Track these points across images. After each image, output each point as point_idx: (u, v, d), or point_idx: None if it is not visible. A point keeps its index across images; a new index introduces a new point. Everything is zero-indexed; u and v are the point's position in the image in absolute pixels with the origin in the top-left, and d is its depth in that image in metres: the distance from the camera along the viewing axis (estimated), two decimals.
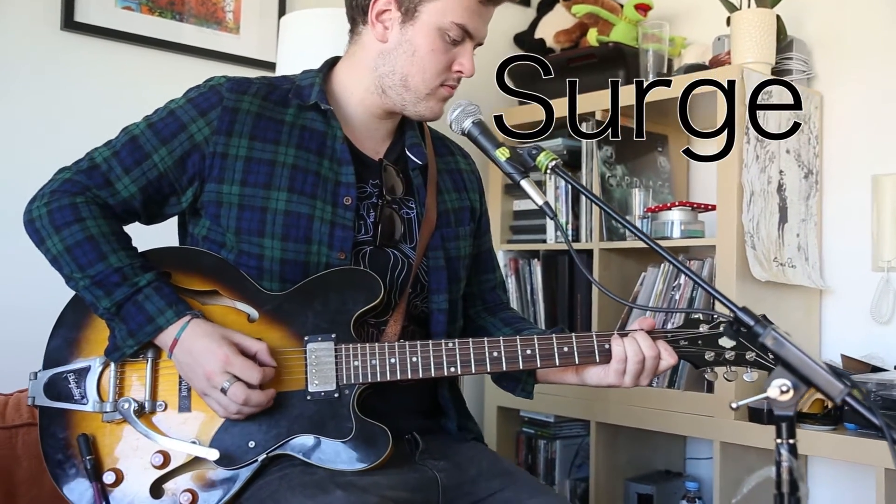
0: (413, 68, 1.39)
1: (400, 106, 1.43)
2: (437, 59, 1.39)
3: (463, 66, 1.41)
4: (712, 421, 2.11)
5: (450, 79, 1.42)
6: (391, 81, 1.41)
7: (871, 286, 2.25)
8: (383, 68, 1.41)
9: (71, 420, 1.31)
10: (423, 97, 1.41)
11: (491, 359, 1.32)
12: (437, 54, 1.39)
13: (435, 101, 1.43)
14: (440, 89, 1.42)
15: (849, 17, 2.35)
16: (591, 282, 2.38)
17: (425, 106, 1.42)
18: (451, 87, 1.43)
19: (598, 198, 1.27)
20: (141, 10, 2.20)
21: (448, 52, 1.40)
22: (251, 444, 1.27)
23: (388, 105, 1.44)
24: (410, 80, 1.40)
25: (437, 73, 1.40)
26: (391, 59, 1.40)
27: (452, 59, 1.41)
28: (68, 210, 1.32)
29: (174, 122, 1.37)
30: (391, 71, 1.40)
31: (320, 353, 1.31)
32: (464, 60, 1.41)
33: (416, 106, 1.42)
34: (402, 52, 1.39)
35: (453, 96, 1.47)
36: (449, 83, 1.42)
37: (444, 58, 1.39)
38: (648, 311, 1.43)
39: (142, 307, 1.28)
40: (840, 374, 1.06)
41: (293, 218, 1.35)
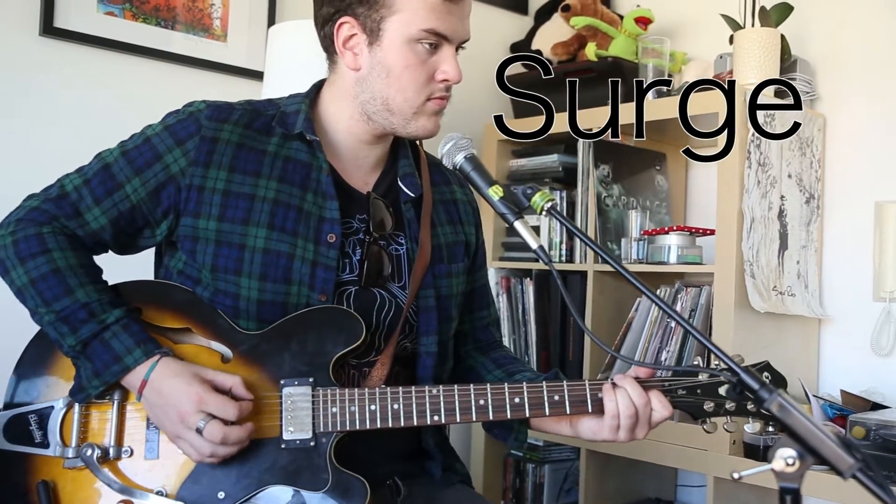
0: (391, 90, 1.30)
1: (391, 129, 1.35)
2: (415, 75, 1.29)
3: (447, 73, 1.30)
4: (706, 454, 2.05)
5: (436, 91, 1.32)
6: (373, 108, 1.32)
7: (872, 317, 2.19)
8: (363, 95, 1.32)
9: (31, 465, 1.24)
10: (411, 117, 1.32)
11: (477, 407, 1.25)
12: (414, 69, 1.29)
13: (426, 118, 1.33)
14: (427, 104, 1.32)
15: (854, 39, 2.29)
16: (584, 305, 2.32)
17: (416, 126, 1.33)
18: (441, 98, 1.33)
19: (591, 239, 1.20)
20: (124, 15, 2.12)
21: (426, 64, 1.29)
22: (220, 494, 1.20)
23: (378, 130, 1.36)
24: (392, 102, 1.31)
25: (419, 89, 1.30)
26: (368, 85, 1.31)
27: (434, 70, 1.30)
28: (34, 240, 1.24)
29: (149, 151, 1.29)
30: (371, 97, 1.32)
31: (296, 397, 1.23)
32: (446, 67, 1.30)
33: (407, 127, 1.34)
34: (376, 76, 1.30)
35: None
36: (436, 95, 1.32)
37: (421, 71, 1.29)
38: (640, 365, 1.36)
39: (108, 345, 1.21)
40: (849, 445, 1.00)
41: (272, 257, 1.28)
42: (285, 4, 2.39)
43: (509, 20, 2.90)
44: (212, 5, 2.27)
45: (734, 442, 2.02)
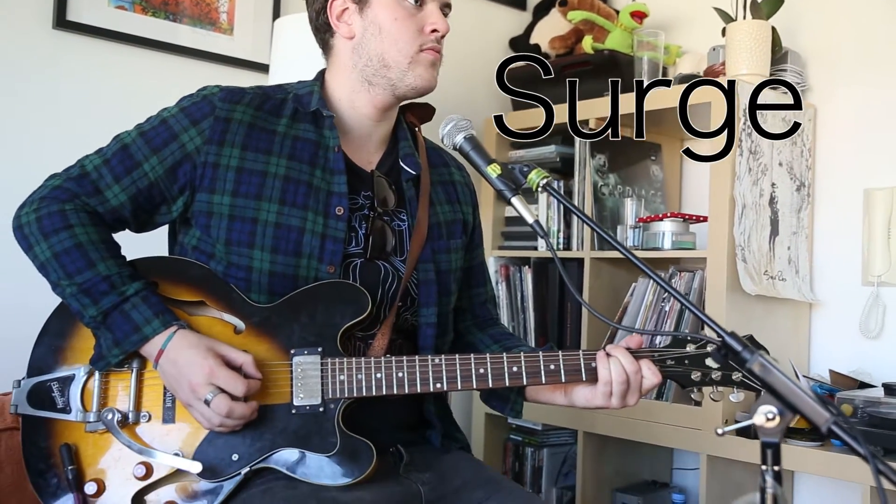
0: (385, 44, 1.40)
1: (390, 88, 1.42)
2: (405, 26, 1.39)
3: (435, 24, 1.41)
4: (699, 434, 2.11)
5: (426, 41, 1.41)
6: (372, 69, 1.41)
7: (861, 300, 2.25)
8: (361, 60, 1.42)
9: (54, 429, 1.30)
10: (407, 67, 1.40)
11: (477, 375, 1.32)
12: (402, 21, 1.39)
13: (423, 68, 1.42)
14: (421, 54, 1.41)
15: (844, 31, 2.35)
16: (581, 290, 2.38)
17: (413, 75, 1.41)
18: (433, 49, 1.42)
19: (588, 217, 1.26)
20: (134, 9, 2.19)
21: (414, 17, 1.40)
22: (234, 456, 1.27)
23: (378, 98, 1.43)
24: (387, 56, 1.40)
25: (411, 39, 1.40)
26: (364, 48, 1.41)
27: (422, 23, 1.40)
28: (57, 217, 1.31)
29: (166, 132, 1.36)
30: (368, 58, 1.41)
31: (306, 366, 1.30)
32: (433, 19, 1.41)
33: (405, 79, 1.41)
34: (370, 36, 1.40)
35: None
36: (428, 46, 1.41)
37: (411, 23, 1.40)
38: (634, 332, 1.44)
39: (128, 316, 1.27)
40: (826, 402, 1.06)
41: (283, 230, 1.35)
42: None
43: (508, 15, 2.96)
44: (219, 0, 2.33)
45: (726, 421, 2.08)
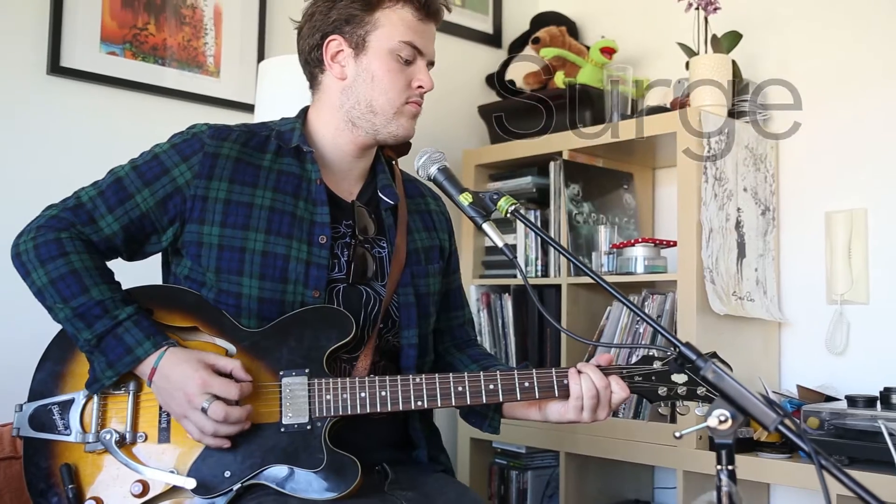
0: (375, 92, 1.50)
1: (372, 132, 1.52)
2: (396, 79, 1.50)
3: (422, 82, 1.52)
4: (675, 450, 2.19)
5: (412, 95, 1.52)
6: (358, 112, 1.51)
7: (826, 318, 2.35)
8: (349, 102, 1.51)
9: (54, 450, 1.37)
10: (392, 117, 1.51)
11: (456, 393, 1.40)
12: (394, 74, 1.50)
13: (406, 119, 1.53)
14: (406, 107, 1.52)
15: (801, 62, 2.47)
16: (559, 315, 2.47)
17: (396, 124, 1.52)
18: (416, 103, 1.53)
19: (554, 239, 1.36)
20: (125, 54, 2.29)
21: (404, 72, 1.51)
22: (227, 473, 1.34)
23: (360, 138, 1.53)
24: (375, 103, 1.50)
25: (399, 91, 1.50)
26: (354, 92, 1.51)
27: (410, 78, 1.51)
28: (53, 245, 1.39)
29: (158, 166, 1.45)
30: (356, 102, 1.51)
31: (294, 386, 1.38)
32: (421, 76, 1.52)
33: (388, 127, 1.52)
34: (362, 82, 1.50)
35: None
36: (413, 99, 1.53)
37: (401, 76, 1.50)
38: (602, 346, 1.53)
39: (121, 339, 1.35)
40: (773, 404, 1.15)
41: (270, 258, 1.43)
42: (273, 41, 2.56)
43: (484, 53, 3.08)
44: (205, 44, 2.44)
45: (700, 437, 2.16)
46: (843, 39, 2.40)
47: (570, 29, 2.94)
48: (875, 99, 2.32)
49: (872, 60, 2.34)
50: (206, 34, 2.44)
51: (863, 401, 1.98)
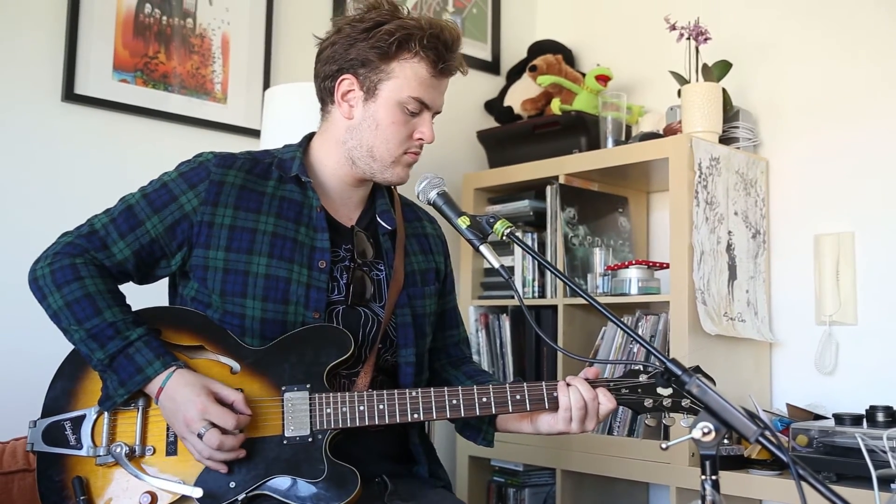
0: (377, 140, 1.55)
1: (369, 174, 1.59)
2: (399, 130, 1.55)
3: (423, 134, 1.57)
4: (668, 467, 2.24)
5: (412, 146, 1.58)
6: (359, 153, 1.57)
7: (815, 339, 2.41)
8: (351, 142, 1.57)
9: (66, 464, 1.43)
10: (389, 165, 1.57)
11: (450, 406, 1.46)
12: (398, 126, 1.55)
13: (401, 168, 1.59)
14: (404, 156, 1.58)
15: (790, 89, 2.55)
16: (556, 335, 2.53)
17: (392, 172, 1.58)
18: (415, 153, 1.59)
19: (548, 262, 1.42)
20: (136, 82, 2.37)
21: (408, 123, 1.56)
22: (232, 484, 1.40)
23: (359, 174, 1.60)
24: (376, 150, 1.56)
25: (400, 143, 1.56)
26: (357, 134, 1.57)
27: (413, 129, 1.57)
28: (69, 270, 1.46)
29: (166, 194, 1.52)
30: (358, 144, 1.57)
31: (296, 401, 1.44)
32: (424, 129, 1.57)
33: (384, 173, 1.58)
34: (366, 127, 1.56)
35: (419, 162, 1.63)
36: (412, 150, 1.58)
37: (404, 128, 1.56)
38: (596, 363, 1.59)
39: (132, 359, 1.41)
40: (755, 417, 1.21)
41: (272, 281, 1.50)
42: (279, 69, 2.64)
43: (483, 80, 3.16)
44: (213, 71, 2.52)
45: (693, 454, 2.21)
46: (830, 67, 2.48)
47: (566, 57, 3.02)
48: (862, 125, 2.40)
49: (860, 87, 2.41)
50: (214, 62, 2.52)
51: (849, 419, 2.03)
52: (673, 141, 2.37)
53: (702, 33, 2.46)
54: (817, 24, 2.52)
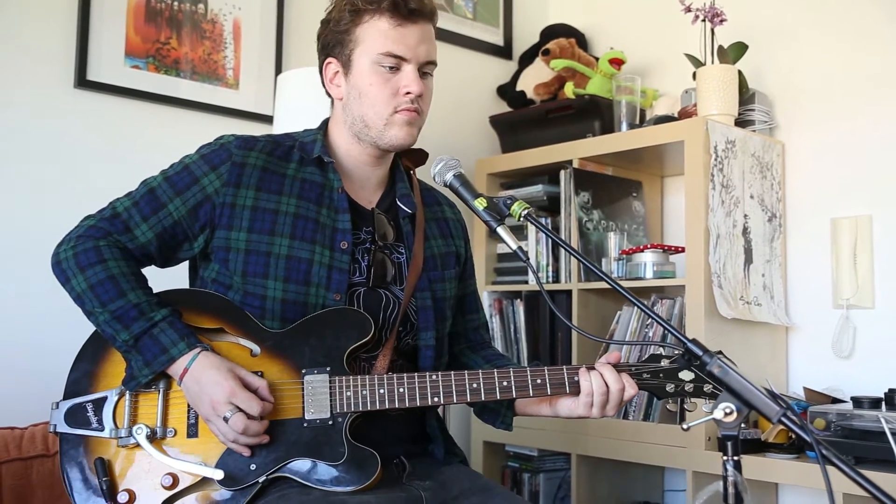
0: (364, 107, 1.55)
1: (373, 143, 1.58)
2: (380, 91, 1.53)
3: (409, 87, 1.53)
4: (685, 451, 2.24)
5: (401, 103, 1.54)
6: (357, 127, 1.57)
7: (833, 323, 2.39)
8: (349, 119, 1.58)
9: (88, 445, 1.43)
10: (383, 127, 1.55)
11: (471, 389, 1.46)
12: (378, 86, 1.53)
13: (398, 128, 1.55)
14: (396, 115, 1.54)
15: (807, 72, 2.53)
16: (571, 320, 2.52)
17: (390, 134, 1.55)
18: (408, 110, 1.55)
19: (565, 242, 1.42)
20: (148, 68, 2.37)
21: (389, 82, 1.53)
22: (252, 466, 1.40)
23: (368, 149, 1.59)
24: (367, 117, 1.55)
25: (385, 102, 1.53)
26: (349, 109, 1.57)
27: (397, 86, 1.53)
28: (92, 252, 1.46)
29: (188, 176, 1.52)
30: (353, 118, 1.57)
31: (316, 384, 1.44)
32: (406, 81, 1.53)
33: (383, 138, 1.56)
34: (353, 99, 1.56)
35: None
36: (402, 108, 1.54)
37: (386, 87, 1.53)
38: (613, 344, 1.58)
39: (157, 339, 1.41)
40: (777, 397, 1.20)
41: (294, 262, 1.50)
42: (291, 54, 2.64)
43: (495, 65, 3.15)
44: (225, 57, 2.51)
45: (709, 439, 2.21)
46: (847, 49, 2.45)
47: (579, 41, 3.00)
48: (879, 107, 2.38)
49: (877, 69, 2.39)
50: (226, 48, 2.51)
51: (868, 402, 2.02)
52: (688, 124, 2.36)
53: (717, 15, 2.44)
54: (834, 6, 2.49)
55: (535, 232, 2.68)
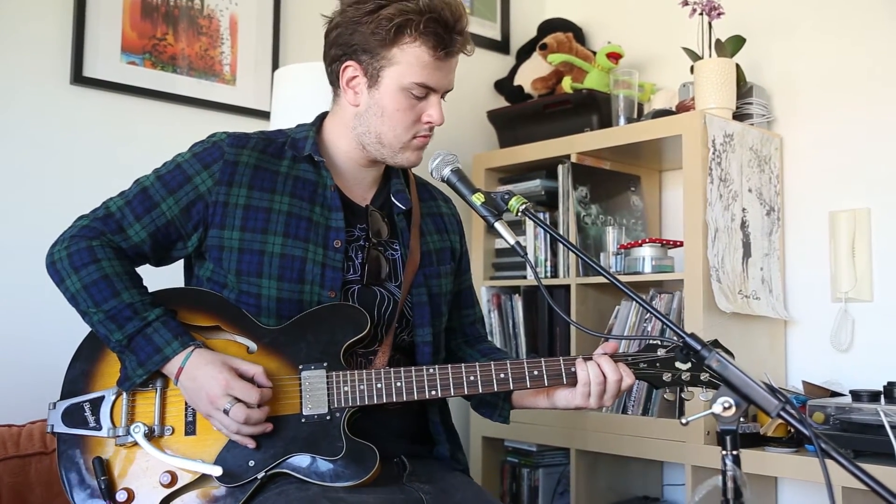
0: (384, 127, 1.53)
1: (381, 159, 1.57)
2: (405, 116, 1.52)
3: (431, 117, 1.54)
4: (683, 446, 2.24)
5: (421, 130, 1.55)
6: (368, 140, 1.55)
7: (831, 316, 2.39)
8: (360, 128, 1.55)
9: (86, 445, 1.43)
10: (399, 150, 1.55)
11: (468, 382, 1.45)
12: (404, 112, 1.52)
13: (411, 152, 1.56)
14: (413, 141, 1.55)
15: (804, 65, 2.52)
16: (569, 315, 2.52)
17: (402, 157, 1.56)
18: (425, 136, 1.56)
19: (563, 236, 1.41)
20: (144, 64, 2.36)
21: (414, 108, 1.52)
22: (251, 463, 1.40)
23: (371, 157, 1.58)
24: (384, 137, 1.53)
25: (407, 128, 1.53)
26: (364, 121, 1.54)
27: (421, 113, 1.53)
28: (86, 252, 1.45)
29: (181, 175, 1.51)
30: (366, 131, 1.54)
31: (313, 379, 1.44)
32: (431, 111, 1.53)
33: (395, 158, 1.56)
34: (372, 114, 1.53)
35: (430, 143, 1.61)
36: (421, 134, 1.55)
37: (410, 113, 1.52)
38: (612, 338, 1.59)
39: (150, 339, 1.41)
40: (775, 391, 1.20)
41: (288, 260, 1.49)
42: (288, 50, 2.63)
43: (493, 60, 3.14)
44: (221, 53, 2.50)
45: (708, 433, 2.21)
46: (845, 42, 2.45)
47: (576, 35, 3.00)
48: (877, 100, 2.37)
49: (875, 62, 2.39)
50: (223, 44, 2.51)
51: (867, 395, 2.02)
52: (686, 118, 2.35)
53: (714, 8, 2.43)
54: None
55: (534, 227, 2.68)
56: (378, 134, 1.53)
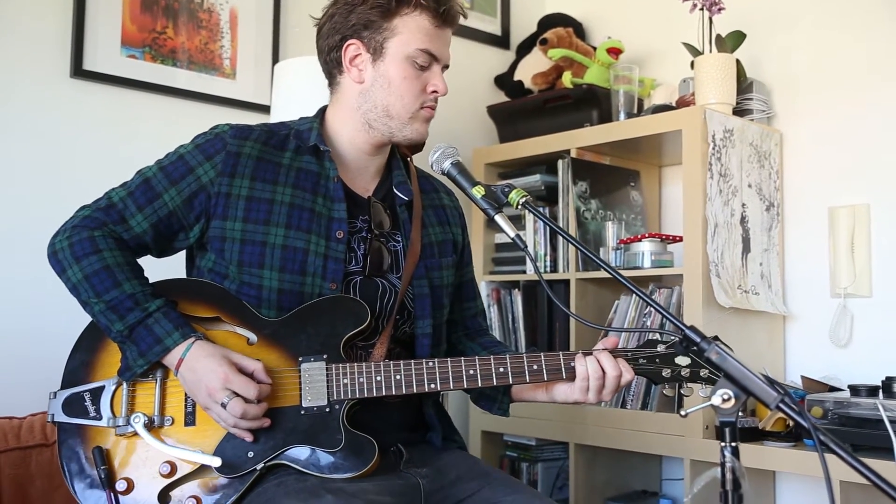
0: (392, 97, 1.55)
1: (388, 135, 1.58)
2: (412, 85, 1.55)
3: (437, 87, 1.57)
4: (683, 440, 2.24)
5: (427, 100, 1.57)
6: (375, 115, 1.56)
7: (830, 312, 2.40)
8: (366, 105, 1.57)
9: (86, 434, 1.44)
10: (407, 121, 1.56)
11: (468, 376, 1.46)
12: (410, 80, 1.54)
13: (419, 123, 1.58)
14: (421, 111, 1.57)
15: (804, 61, 2.52)
16: (570, 308, 2.52)
17: (411, 129, 1.58)
18: (431, 107, 1.59)
19: (563, 229, 1.42)
20: (144, 58, 2.36)
21: (420, 77, 1.55)
22: (250, 454, 1.40)
23: (376, 139, 1.59)
24: (392, 108, 1.55)
25: (415, 97, 1.56)
26: (371, 96, 1.56)
27: (425, 83, 1.56)
28: (87, 243, 1.46)
29: (183, 166, 1.52)
30: (373, 106, 1.56)
31: (313, 371, 1.44)
32: (436, 81, 1.57)
33: (403, 130, 1.57)
34: (379, 87, 1.55)
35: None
36: (428, 104, 1.58)
37: (417, 83, 1.55)
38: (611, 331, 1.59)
39: (151, 330, 1.41)
40: (774, 383, 1.20)
41: (290, 252, 1.49)
42: (288, 43, 2.63)
43: (493, 55, 3.14)
44: (221, 47, 2.50)
45: (707, 427, 2.21)
46: (845, 37, 2.45)
47: (576, 30, 3.00)
48: (877, 96, 2.37)
49: (875, 58, 2.39)
50: (223, 37, 2.51)
51: (865, 390, 2.03)
52: (686, 113, 2.36)
53: (715, 3, 2.43)
54: None
55: (534, 221, 2.68)
56: (386, 106, 1.55)
